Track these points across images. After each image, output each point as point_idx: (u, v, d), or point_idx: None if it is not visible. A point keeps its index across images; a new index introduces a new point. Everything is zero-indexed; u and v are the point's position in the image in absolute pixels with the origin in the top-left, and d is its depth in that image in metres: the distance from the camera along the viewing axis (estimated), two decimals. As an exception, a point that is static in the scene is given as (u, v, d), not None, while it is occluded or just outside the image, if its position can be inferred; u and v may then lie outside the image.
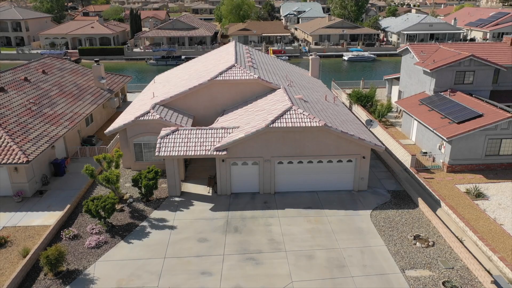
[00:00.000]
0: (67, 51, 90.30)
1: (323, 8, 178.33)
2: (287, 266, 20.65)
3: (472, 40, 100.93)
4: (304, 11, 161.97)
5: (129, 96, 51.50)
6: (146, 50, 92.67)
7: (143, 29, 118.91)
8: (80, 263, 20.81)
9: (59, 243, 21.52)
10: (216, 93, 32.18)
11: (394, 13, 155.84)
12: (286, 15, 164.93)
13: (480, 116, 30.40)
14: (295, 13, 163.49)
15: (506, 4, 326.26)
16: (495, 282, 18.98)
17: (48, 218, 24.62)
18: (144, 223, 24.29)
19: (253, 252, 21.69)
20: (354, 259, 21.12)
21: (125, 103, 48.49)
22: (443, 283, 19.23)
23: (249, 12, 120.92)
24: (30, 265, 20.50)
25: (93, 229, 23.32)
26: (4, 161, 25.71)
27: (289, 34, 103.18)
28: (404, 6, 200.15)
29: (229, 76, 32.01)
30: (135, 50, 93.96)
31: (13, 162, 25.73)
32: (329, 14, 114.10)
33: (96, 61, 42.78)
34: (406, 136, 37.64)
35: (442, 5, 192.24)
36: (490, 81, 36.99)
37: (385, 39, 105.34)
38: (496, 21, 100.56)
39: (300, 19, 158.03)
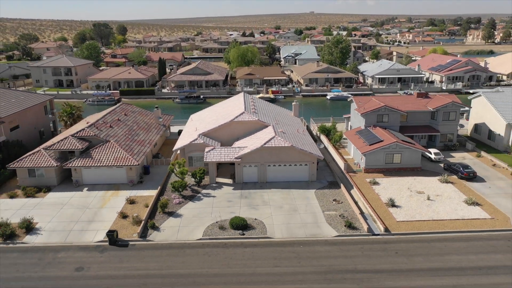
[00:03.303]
0: (112, 92, 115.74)
1: (317, 48, 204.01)
2: (270, 210, 44.12)
3: (431, 82, 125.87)
4: (301, 53, 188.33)
5: (171, 128, 75.70)
6: (172, 91, 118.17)
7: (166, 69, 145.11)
8: (173, 209, 44.43)
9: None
10: (233, 128, 56.25)
11: (377, 55, 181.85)
12: (285, 57, 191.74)
13: (382, 141, 54.28)
14: (292, 55, 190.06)
15: (489, 41, 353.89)
16: (361, 214, 42.46)
17: (151, 192, 48.38)
18: (199, 195, 47.99)
19: (254, 205, 45.20)
20: (301, 208, 44.58)
21: (171, 133, 72.74)
22: (339, 215, 42.61)
23: (253, 58, 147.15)
24: (150, 210, 44.04)
25: (174, 197, 46.99)
26: (125, 164, 49.76)
27: (285, 77, 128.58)
28: (390, 48, 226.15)
29: (241, 119, 56.19)
30: (164, 91, 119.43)
31: (130, 164, 49.77)
32: (318, 61, 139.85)
33: (156, 107, 67.52)
34: (348, 153, 61.43)
35: (421, 47, 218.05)
36: (398, 120, 61.05)
37: (362, 81, 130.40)
38: (451, 67, 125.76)
39: (297, 61, 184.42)
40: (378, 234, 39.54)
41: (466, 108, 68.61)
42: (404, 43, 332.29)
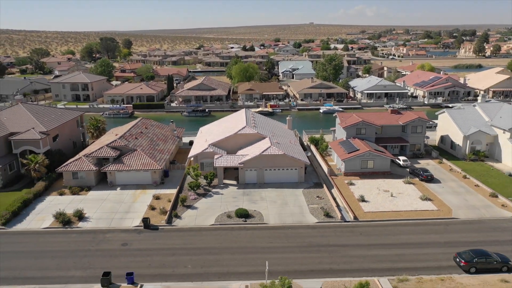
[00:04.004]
0: (126, 106, 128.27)
1: (313, 62, 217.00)
2: (266, 204, 56.29)
3: (415, 97, 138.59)
4: (298, 68, 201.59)
5: (183, 139, 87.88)
6: (180, 105, 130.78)
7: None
8: (190, 203, 56.60)
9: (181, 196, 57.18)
10: (237, 140, 68.53)
11: (368, 70, 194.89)
12: (283, 72, 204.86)
13: (358, 150, 66.58)
14: (290, 70, 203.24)
15: (480, 54, 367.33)
16: (337, 206, 54.59)
17: (171, 191, 60.56)
18: (210, 193, 60.19)
19: (254, 201, 57.36)
20: (291, 202, 56.74)
21: (183, 143, 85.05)
22: (320, 208, 54.73)
23: (253, 74, 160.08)
24: (172, 203, 56.17)
25: (191, 194, 59.16)
26: (150, 168, 62.04)
27: (282, 92, 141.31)
28: (382, 63, 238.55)
29: (243, 132, 68.53)
30: (172, 105, 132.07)
31: (154, 169, 62.05)
32: (312, 77, 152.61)
33: (171, 122, 79.92)
34: (332, 160, 73.69)
35: (411, 62, 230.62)
36: (374, 133, 73.36)
37: (352, 95, 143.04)
38: (433, 83, 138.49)
39: (294, 75, 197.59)
40: (348, 221, 51.67)
41: (431, 122, 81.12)
42: (398, 56, 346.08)
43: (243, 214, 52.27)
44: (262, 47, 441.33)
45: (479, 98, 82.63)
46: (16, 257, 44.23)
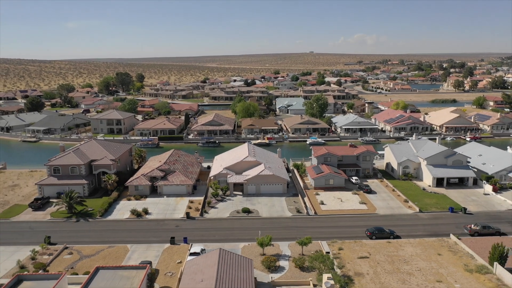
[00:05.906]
0: (153, 138, 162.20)
1: (306, 98, 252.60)
2: (261, 206, 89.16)
3: (384, 131, 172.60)
4: (292, 105, 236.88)
5: (203, 164, 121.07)
6: (196, 137, 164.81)
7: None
8: (213, 205, 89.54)
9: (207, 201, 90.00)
10: (242, 165, 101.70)
11: (352, 106, 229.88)
12: (279, 107, 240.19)
13: (323, 172, 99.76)
14: (285, 106, 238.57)
15: (460, 89, 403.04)
16: (306, 207, 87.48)
17: (200, 198, 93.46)
18: (225, 199, 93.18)
19: (253, 204, 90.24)
20: (277, 205, 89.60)
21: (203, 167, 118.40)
22: (295, 208, 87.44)
23: (254, 112, 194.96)
24: (202, 205, 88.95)
25: (213, 200, 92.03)
26: (186, 183, 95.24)
27: (277, 127, 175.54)
28: (364, 100, 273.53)
29: (246, 159, 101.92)
30: (189, 137, 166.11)
31: (188, 184, 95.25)
32: (301, 115, 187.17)
33: (196, 152, 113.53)
34: (308, 179, 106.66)
35: (389, 99, 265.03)
36: (336, 161, 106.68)
37: (333, 130, 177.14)
38: (398, 120, 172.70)
39: (289, 110, 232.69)
40: (311, 215, 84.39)
41: (378, 153, 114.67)
42: (386, 90, 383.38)
43: (247, 211, 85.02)
44: (262, 80, 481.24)
45: (413, 137, 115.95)
46: (116, 232, 77.01)
